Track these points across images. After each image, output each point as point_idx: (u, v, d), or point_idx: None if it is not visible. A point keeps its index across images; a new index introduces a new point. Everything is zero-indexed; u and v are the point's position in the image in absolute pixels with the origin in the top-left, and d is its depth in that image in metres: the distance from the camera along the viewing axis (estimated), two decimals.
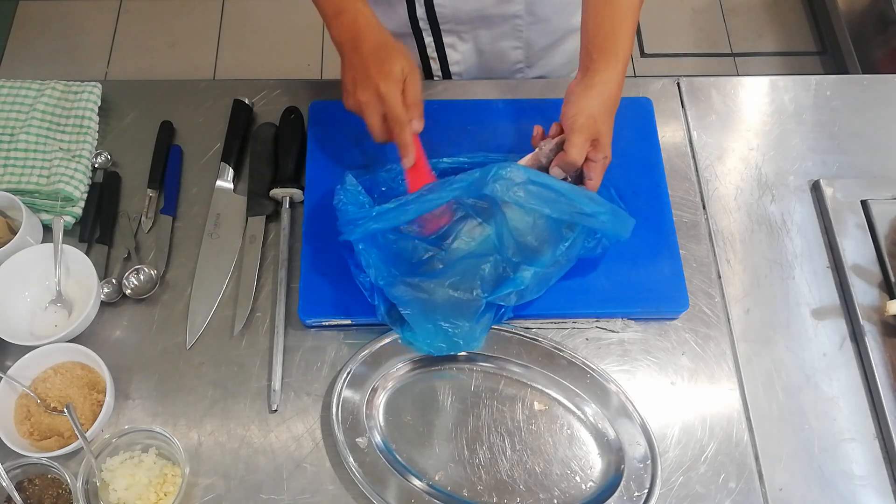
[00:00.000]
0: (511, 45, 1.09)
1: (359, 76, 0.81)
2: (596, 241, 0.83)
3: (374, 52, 0.81)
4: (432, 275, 0.81)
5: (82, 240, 0.93)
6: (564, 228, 0.80)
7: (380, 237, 0.82)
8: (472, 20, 1.04)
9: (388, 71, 0.80)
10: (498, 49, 1.10)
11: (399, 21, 1.04)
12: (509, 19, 1.05)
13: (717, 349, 0.89)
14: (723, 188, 0.99)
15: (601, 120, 0.81)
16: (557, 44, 1.11)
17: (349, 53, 0.83)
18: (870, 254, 0.93)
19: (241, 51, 2.35)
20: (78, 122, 0.98)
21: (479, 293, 0.79)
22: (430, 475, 0.81)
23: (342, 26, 0.84)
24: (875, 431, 0.85)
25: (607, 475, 0.82)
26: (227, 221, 0.95)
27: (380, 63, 0.80)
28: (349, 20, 0.84)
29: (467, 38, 1.08)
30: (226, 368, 0.87)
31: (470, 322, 0.80)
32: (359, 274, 0.84)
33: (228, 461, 0.82)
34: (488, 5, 1.01)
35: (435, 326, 0.80)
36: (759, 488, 0.82)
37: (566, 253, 0.81)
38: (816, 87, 1.07)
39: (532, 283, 0.80)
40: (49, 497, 0.78)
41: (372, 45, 0.82)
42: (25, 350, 0.83)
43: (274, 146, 0.98)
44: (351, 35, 0.83)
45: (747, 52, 2.38)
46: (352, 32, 0.83)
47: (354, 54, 0.82)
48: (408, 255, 0.83)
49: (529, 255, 0.80)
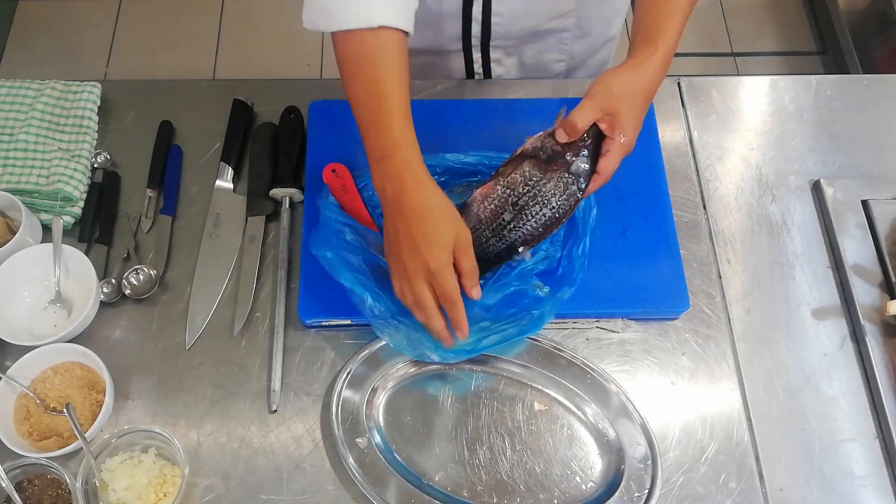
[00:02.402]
0: (554, 57, 1.10)
1: (403, 239, 0.74)
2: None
3: (422, 216, 0.73)
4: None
5: (82, 240, 0.93)
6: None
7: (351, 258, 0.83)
8: (523, 36, 1.04)
9: (440, 243, 0.73)
10: (541, 61, 1.10)
11: (451, 37, 1.04)
12: (557, 33, 1.05)
13: (718, 349, 0.89)
14: (723, 188, 0.99)
15: (624, 98, 0.76)
16: (595, 53, 1.12)
17: (392, 206, 0.75)
18: (870, 254, 0.93)
19: (241, 51, 2.35)
20: (77, 122, 0.98)
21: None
22: (430, 475, 0.81)
23: (386, 174, 0.75)
24: (875, 431, 0.85)
25: (607, 475, 0.82)
26: (226, 221, 0.94)
27: (429, 233, 0.73)
28: (394, 169, 0.75)
29: (513, 52, 1.08)
30: (225, 368, 0.87)
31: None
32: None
33: (228, 461, 0.82)
34: (542, 22, 1.02)
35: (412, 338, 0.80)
36: (760, 488, 0.82)
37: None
38: (817, 86, 1.07)
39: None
40: (48, 497, 0.78)
41: (418, 205, 0.73)
42: (25, 350, 0.83)
43: (274, 146, 0.98)
44: (395, 188, 0.74)
45: (747, 51, 2.38)
46: (396, 184, 0.74)
47: (398, 210, 0.74)
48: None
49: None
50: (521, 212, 0.80)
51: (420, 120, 0.78)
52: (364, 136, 0.77)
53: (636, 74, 0.77)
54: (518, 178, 0.80)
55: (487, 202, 0.81)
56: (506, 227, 0.81)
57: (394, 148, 0.75)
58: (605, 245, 0.89)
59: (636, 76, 0.77)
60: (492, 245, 0.82)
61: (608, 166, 0.79)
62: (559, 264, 0.87)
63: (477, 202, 0.82)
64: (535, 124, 0.88)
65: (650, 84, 0.78)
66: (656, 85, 0.79)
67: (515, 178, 0.80)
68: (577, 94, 1.01)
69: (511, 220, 0.81)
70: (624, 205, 0.92)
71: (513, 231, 0.81)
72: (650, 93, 0.79)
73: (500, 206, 0.81)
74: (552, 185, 0.79)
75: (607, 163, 0.79)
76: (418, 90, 1.04)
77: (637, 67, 0.77)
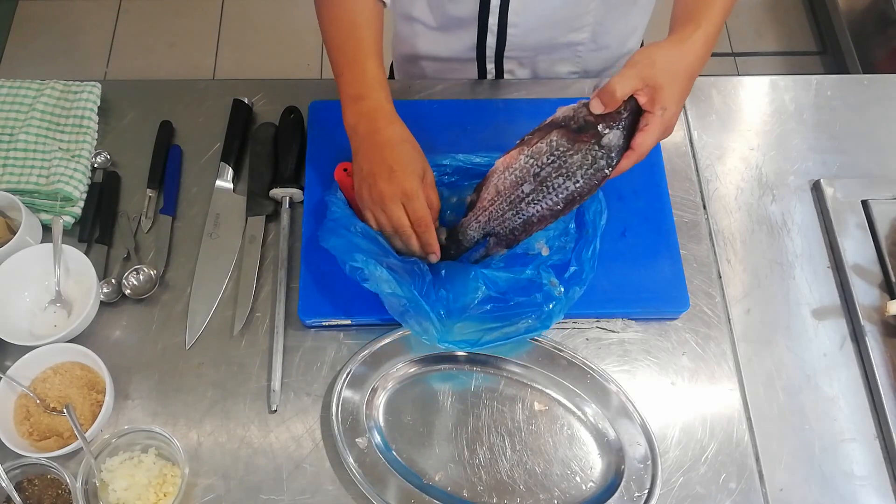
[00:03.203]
0: (567, 69, 1.10)
1: (377, 168, 0.78)
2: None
3: (394, 147, 0.79)
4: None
5: (82, 240, 0.93)
6: None
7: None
8: (538, 47, 1.04)
9: (412, 169, 0.78)
10: (554, 73, 1.10)
11: (464, 48, 1.05)
12: (573, 46, 1.05)
13: (718, 349, 0.89)
14: (723, 188, 0.99)
15: (666, 71, 0.72)
16: (610, 67, 1.12)
17: (365, 142, 0.80)
18: (870, 254, 0.93)
19: (241, 51, 2.35)
20: (77, 122, 0.98)
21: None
22: (430, 475, 0.81)
23: (360, 112, 0.81)
24: (875, 431, 0.85)
25: (607, 475, 0.82)
26: (226, 221, 0.94)
27: (402, 160, 0.78)
28: (368, 108, 0.81)
29: (526, 64, 1.08)
30: (225, 368, 0.87)
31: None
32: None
33: (228, 461, 0.82)
34: (558, 34, 1.02)
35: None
36: (760, 488, 0.82)
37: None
38: (817, 86, 1.07)
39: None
40: (48, 497, 0.78)
41: (391, 138, 0.79)
42: (25, 350, 0.83)
43: (274, 146, 0.98)
44: (368, 124, 0.80)
45: (747, 51, 2.38)
46: (370, 121, 0.80)
47: (371, 144, 0.80)
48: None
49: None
50: (542, 183, 0.76)
51: (429, 119, 0.79)
52: (339, 76, 0.84)
53: (678, 50, 0.73)
54: (543, 148, 0.75)
55: (508, 173, 0.78)
56: (524, 200, 0.77)
57: (369, 89, 0.81)
58: (605, 245, 0.89)
59: (678, 52, 0.73)
60: (508, 219, 0.79)
61: (645, 141, 0.73)
62: (569, 264, 0.86)
63: (498, 173, 0.79)
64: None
65: (693, 61, 0.74)
66: (700, 64, 0.75)
67: (541, 147, 0.75)
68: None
69: (531, 192, 0.77)
70: (624, 205, 0.92)
71: (531, 204, 0.77)
72: (693, 71, 0.75)
73: (522, 176, 0.76)
74: (580, 158, 0.74)
75: (644, 138, 0.73)
76: (421, 89, 1.04)
77: (679, 44, 0.74)
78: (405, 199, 0.78)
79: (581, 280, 0.84)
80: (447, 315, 0.81)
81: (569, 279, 0.85)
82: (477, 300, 0.82)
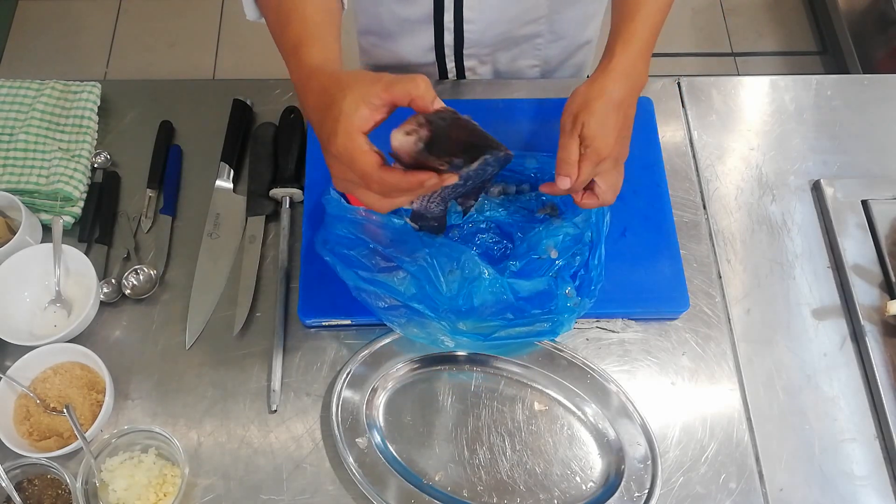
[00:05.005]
0: (528, 63, 1.10)
1: (323, 144, 0.67)
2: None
3: (324, 109, 0.65)
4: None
5: (82, 240, 0.93)
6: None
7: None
8: (496, 43, 1.04)
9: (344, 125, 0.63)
10: (515, 68, 1.10)
11: (423, 49, 1.04)
12: (531, 39, 1.05)
13: (718, 349, 0.89)
14: (723, 188, 0.99)
15: (585, 109, 0.74)
16: (569, 58, 1.12)
17: (301, 100, 0.70)
18: (870, 254, 0.93)
19: (241, 50, 2.35)
20: (77, 122, 0.98)
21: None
22: (430, 475, 0.81)
23: (299, 63, 0.71)
24: (875, 431, 0.85)
25: (607, 476, 0.82)
26: (226, 221, 0.94)
27: (332, 116, 0.64)
28: (304, 57, 0.70)
29: (487, 60, 1.08)
30: (225, 368, 0.87)
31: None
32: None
33: (228, 461, 0.82)
34: (514, 28, 1.02)
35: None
36: (760, 488, 0.82)
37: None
38: (817, 86, 1.07)
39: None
40: (48, 497, 0.78)
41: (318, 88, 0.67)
42: (25, 350, 0.83)
43: (274, 146, 0.98)
44: (301, 76, 0.70)
45: (747, 51, 2.38)
46: (305, 71, 0.70)
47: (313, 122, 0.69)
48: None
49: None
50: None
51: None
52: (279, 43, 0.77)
53: (592, 89, 0.75)
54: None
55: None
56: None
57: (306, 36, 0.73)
58: (605, 245, 0.89)
59: (593, 90, 0.75)
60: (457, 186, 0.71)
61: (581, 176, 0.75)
62: (577, 273, 0.86)
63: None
64: (513, 125, 0.88)
65: (610, 94, 0.75)
66: (620, 93, 0.75)
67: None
68: (554, 94, 1.01)
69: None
70: (624, 205, 0.92)
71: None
72: (615, 102, 0.75)
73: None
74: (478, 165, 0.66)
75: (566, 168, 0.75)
76: None
77: (592, 83, 0.76)
78: (350, 163, 0.64)
79: (590, 292, 0.84)
80: (457, 316, 0.81)
81: (577, 289, 0.85)
82: (495, 308, 0.82)
